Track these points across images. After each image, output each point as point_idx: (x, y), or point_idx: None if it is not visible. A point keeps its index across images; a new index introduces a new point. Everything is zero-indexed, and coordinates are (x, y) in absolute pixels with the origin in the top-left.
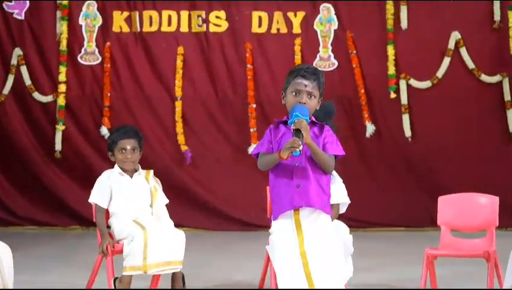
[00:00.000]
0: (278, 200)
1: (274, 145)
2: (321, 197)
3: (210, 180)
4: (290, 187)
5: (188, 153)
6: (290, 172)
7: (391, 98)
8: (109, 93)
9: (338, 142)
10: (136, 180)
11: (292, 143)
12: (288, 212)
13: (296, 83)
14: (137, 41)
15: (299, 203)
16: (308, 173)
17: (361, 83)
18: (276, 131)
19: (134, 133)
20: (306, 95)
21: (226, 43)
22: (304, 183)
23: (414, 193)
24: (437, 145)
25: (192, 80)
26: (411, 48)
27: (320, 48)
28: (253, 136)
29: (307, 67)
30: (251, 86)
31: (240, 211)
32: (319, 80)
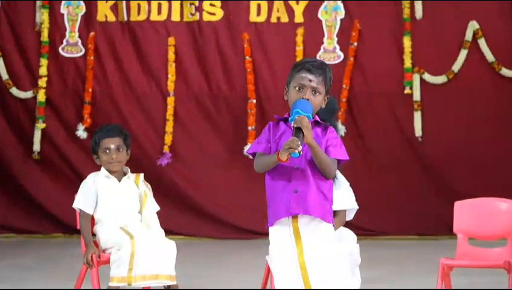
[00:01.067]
0: (273, 205)
1: (272, 144)
2: (322, 205)
3: (205, 183)
4: (287, 192)
5: (167, 155)
6: (287, 175)
7: (405, 94)
8: (91, 89)
9: (342, 146)
10: (124, 184)
11: (291, 143)
12: (285, 219)
13: (299, 77)
14: (124, 32)
15: (296, 211)
16: (308, 177)
17: (348, 77)
18: (276, 129)
19: (118, 130)
20: (310, 90)
21: (221, 33)
22: (303, 189)
23: (427, 197)
24: (452, 145)
25: (184, 73)
26: (425, 40)
27: (324, 38)
28: (250, 135)
29: (313, 61)
30: (251, 80)
31: (238, 217)
32: (326, 75)
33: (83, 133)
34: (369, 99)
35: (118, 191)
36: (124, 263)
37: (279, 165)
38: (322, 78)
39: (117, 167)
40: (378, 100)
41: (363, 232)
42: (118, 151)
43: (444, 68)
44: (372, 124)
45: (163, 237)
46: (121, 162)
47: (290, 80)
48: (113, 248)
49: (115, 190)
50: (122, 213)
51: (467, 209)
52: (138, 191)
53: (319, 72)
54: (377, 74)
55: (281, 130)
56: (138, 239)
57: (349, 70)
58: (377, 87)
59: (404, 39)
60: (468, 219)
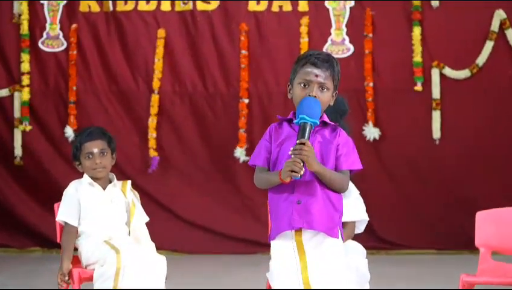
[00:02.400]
0: (275, 217)
1: (274, 150)
2: (329, 217)
3: (198, 192)
4: (289, 203)
5: (155, 160)
6: (290, 184)
7: (415, 91)
8: (75, 87)
9: (355, 151)
10: (109, 192)
11: (291, 166)
12: (288, 232)
13: (304, 73)
14: (110, 23)
15: (298, 224)
16: (313, 186)
17: (370, 74)
18: (279, 131)
19: (101, 133)
20: (317, 86)
21: (217, 23)
22: (307, 200)
23: (446, 207)
24: (475, 149)
25: (176, 69)
26: (445, 31)
27: (332, 29)
28: (241, 139)
29: (318, 54)
30: (244, 77)
31: (235, 228)
32: (333, 68)
33: (72, 134)
34: (382, 97)
35: (103, 200)
36: (108, 279)
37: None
38: (330, 73)
39: (102, 173)
40: (392, 97)
41: (374, 246)
42: (102, 156)
43: (466, 62)
44: (384, 124)
45: (153, 252)
46: (105, 168)
47: (293, 76)
48: (97, 263)
49: (100, 199)
50: (107, 225)
51: (490, 220)
52: (125, 200)
53: (326, 65)
54: (390, 68)
55: (284, 133)
56: (124, 254)
57: (369, 63)
58: (391, 83)
59: (414, 30)
60: (492, 231)
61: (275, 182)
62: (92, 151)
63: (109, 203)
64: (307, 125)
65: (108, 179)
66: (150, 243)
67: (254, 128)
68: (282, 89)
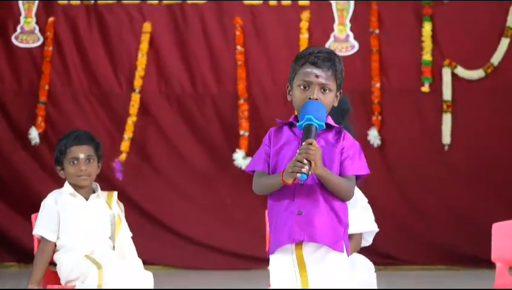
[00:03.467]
0: (274, 229)
1: (273, 157)
2: (333, 229)
3: (187, 201)
4: (289, 214)
5: (117, 165)
6: (290, 193)
7: (423, 92)
8: (47, 86)
9: (362, 155)
10: (93, 203)
11: (293, 167)
12: (288, 246)
13: (304, 73)
14: (91, 17)
15: (299, 237)
16: (316, 194)
17: (377, 74)
18: (279, 135)
19: (88, 138)
20: (318, 88)
21: (209, 17)
22: (309, 210)
23: (460, 218)
24: (488, 155)
25: (163, 67)
26: (457, 27)
27: (335, 25)
28: (242, 142)
29: (318, 51)
30: (242, 75)
31: (229, 243)
32: (335, 67)
33: (36, 137)
34: (390, 99)
35: (85, 211)
36: None
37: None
38: (332, 72)
39: (86, 182)
40: (400, 98)
41: (383, 261)
42: (87, 163)
43: (480, 60)
44: (390, 128)
45: (139, 268)
46: (90, 176)
47: (292, 76)
48: (78, 280)
49: (82, 210)
50: (89, 238)
51: (507, 233)
52: (110, 212)
53: (327, 64)
54: (397, 67)
55: (284, 137)
56: (107, 269)
57: (376, 62)
58: (399, 83)
59: (424, 25)
60: (509, 244)
61: (276, 185)
62: (78, 157)
63: (92, 215)
64: (312, 126)
65: (92, 189)
66: (137, 259)
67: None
68: (279, 89)
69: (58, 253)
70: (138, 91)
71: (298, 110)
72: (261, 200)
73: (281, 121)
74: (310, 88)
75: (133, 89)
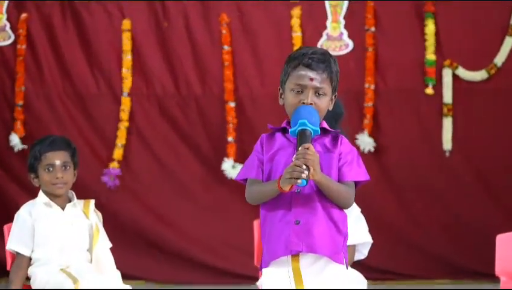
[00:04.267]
0: (269, 240)
1: (266, 164)
2: (332, 239)
3: (171, 211)
4: (286, 223)
5: (111, 172)
6: (287, 202)
7: (425, 94)
8: (24, 87)
9: (360, 161)
10: (69, 213)
11: (292, 173)
12: (283, 258)
13: (297, 76)
14: (66, 14)
15: (297, 247)
16: (313, 203)
17: (371, 75)
18: (271, 142)
19: (65, 143)
20: (313, 92)
21: (193, 14)
22: (307, 219)
23: (461, 229)
24: (491, 162)
25: (143, 67)
26: (458, 25)
27: (328, 22)
28: (230, 149)
29: (312, 52)
30: (229, 76)
31: (214, 256)
32: (331, 69)
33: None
34: (386, 101)
35: (62, 222)
36: None
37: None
38: (327, 75)
39: (62, 190)
40: (396, 102)
41: (378, 276)
42: (64, 170)
43: (483, 61)
44: (387, 133)
45: (117, 282)
46: (66, 184)
47: (284, 78)
48: None
49: (58, 221)
50: (65, 251)
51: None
52: (88, 222)
53: (322, 66)
54: (394, 67)
55: (276, 143)
56: (83, 283)
57: (371, 63)
58: (396, 85)
59: (427, 23)
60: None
61: (272, 193)
62: (54, 163)
63: (68, 225)
64: (307, 131)
65: (68, 198)
66: (116, 271)
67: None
68: (269, 90)
69: (32, 266)
70: (127, 94)
71: (291, 115)
72: (251, 211)
73: (273, 127)
74: (304, 92)
75: (121, 92)
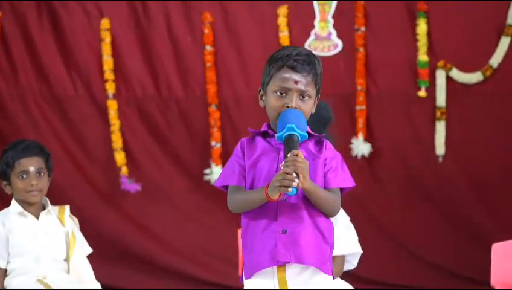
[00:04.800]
0: (253, 251)
1: (249, 171)
2: (319, 249)
3: (152, 220)
4: (271, 233)
5: (125, 181)
6: (272, 210)
7: (417, 97)
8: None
9: (345, 167)
10: (44, 221)
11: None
12: (268, 269)
13: (281, 79)
14: (42, 13)
15: (284, 258)
16: (299, 211)
17: (362, 77)
18: (252, 147)
19: (38, 149)
20: (297, 95)
21: (174, 13)
22: (294, 228)
23: (454, 239)
24: (486, 168)
25: (122, 69)
26: (452, 24)
27: (316, 21)
28: (214, 154)
29: (297, 53)
30: (212, 78)
31: (197, 266)
32: (316, 71)
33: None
34: (377, 104)
35: (37, 231)
36: None
37: None
38: (312, 77)
39: (36, 198)
40: (387, 105)
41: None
42: (38, 176)
43: (478, 62)
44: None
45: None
46: (41, 191)
47: (266, 80)
48: None
49: (33, 230)
50: (41, 261)
51: (508, 254)
52: (64, 229)
53: (307, 69)
54: (385, 69)
55: (258, 148)
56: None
57: (361, 64)
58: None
59: (419, 22)
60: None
61: (259, 201)
62: (28, 170)
63: (44, 235)
64: (295, 137)
65: (42, 205)
66: (95, 282)
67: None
68: (254, 92)
69: (8, 278)
70: (112, 96)
71: (273, 119)
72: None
73: (254, 131)
74: (288, 95)
75: (107, 96)
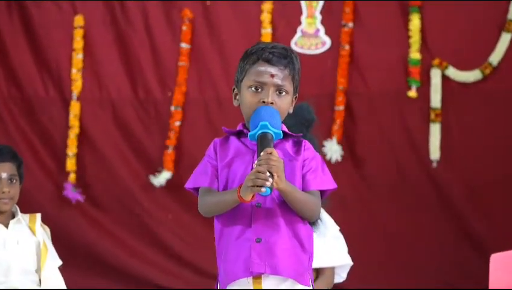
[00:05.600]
0: (227, 259)
1: (221, 173)
2: (297, 259)
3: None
4: (245, 241)
5: (69, 189)
6: (246, 216)
7: (409, 98)
8: None
9: (325, 168)
10: (14, 230)
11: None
12: (244, 280)
13: (257, 72)
14: (12, 9)
15: (259, 269)
16: (275, 218)
17: (344, 76)
18: (225, 148)
19: (11, 154)
20: (274, 90)
21: (152, 10)
22: (269, 236)
23: (450, 248)
24: (484, 174)
25: (96, 68)
26: (449, 20)
27: (302, 17)
28: (167, 158)
29: (272, 47)
30: (181, 79)
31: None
32: (293, 66)
33: None
34: (367, 105)
35: (6, 241)
36: None
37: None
38: (289, 71)
39: (7, 206)
40: (379, 106)
41: None
42: (10, 183)
43: (476, 60)
44: (365, 141)
45: None
46: (13, 199)
47: (240, 76)
48: None
49: (2, 240)
50: (12, 273)
51: (508, 264)
52: (35, 239)
53: (284, 62)
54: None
55: (232, 149)
56: None
57: (344, 63)
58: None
59: (412, 17)
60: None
61: (230, 204)
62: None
63: (14, 245)
64: (268, 135)
65: (11, 213)
66: None
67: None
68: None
69: None
70: (76, 98)
71: (248, 117)
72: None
73: (228, 130)
74: (264, 90)
75: (71, 96)
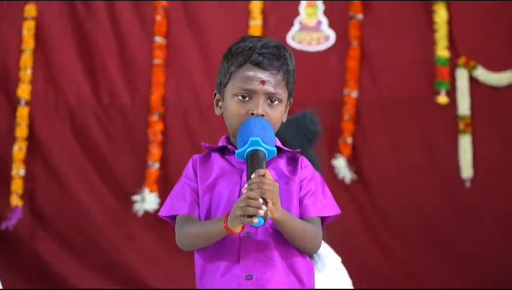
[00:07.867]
0: None
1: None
2: None
3: (78, 253)
4: (233, 278)
5: (16, 212)
6: (233, 249)
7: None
8: None
9: (326, 190)
10: None
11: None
12: None
13: (244, 78)
14: None
15: None
16: (269, 251)
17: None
18: (206, 167)
19: None
20: (264, 98)
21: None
22: (262, 273)
23: (482, 281)
24: None
25: (52, 67)
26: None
27: (301, 7)
28: (149, 177)
29: (262, 45)
30: (159, 79)
31: None
32: (288, 67)
33: None
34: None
35: None
36: None
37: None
38: (283, 75)
39: None
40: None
41: None
42: None
43: (509, 59)
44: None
45: None
46: None
47: (224, 80)
48: None
49: None
50: None
51: None
52: None
53: (277, 65)
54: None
55: (215, 168)
56: None
57: (355, 62)
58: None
59: (437, 8)
60: None
61: (216, 236)
62: None
63: None
64: (260, 153)
65: None
66: None
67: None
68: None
69: None
70: (24, 103)
71: (233, 130)
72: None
73: (209, 146)
74: (253, 99)
75: (18, 101)
